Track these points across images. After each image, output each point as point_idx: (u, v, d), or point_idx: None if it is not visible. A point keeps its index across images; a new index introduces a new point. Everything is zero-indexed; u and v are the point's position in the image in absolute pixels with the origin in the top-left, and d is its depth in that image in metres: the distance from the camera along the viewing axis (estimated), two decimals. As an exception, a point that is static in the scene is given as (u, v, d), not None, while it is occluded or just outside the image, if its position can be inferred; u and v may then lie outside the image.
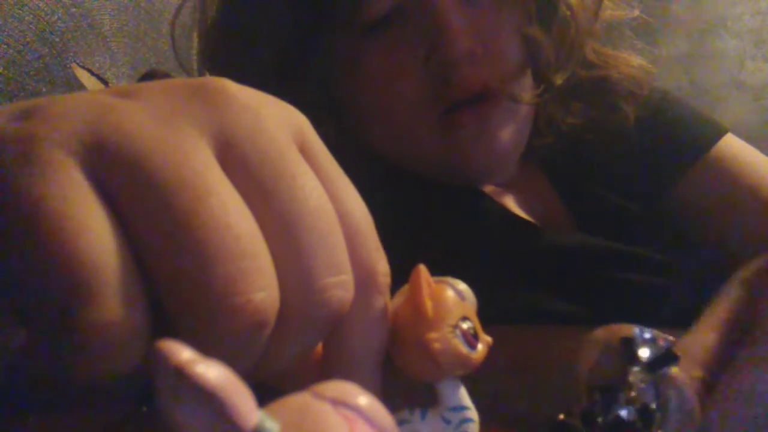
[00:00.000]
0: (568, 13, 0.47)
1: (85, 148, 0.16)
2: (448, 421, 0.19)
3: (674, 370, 0.21)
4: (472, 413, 0.20)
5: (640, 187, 0.54)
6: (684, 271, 0.49)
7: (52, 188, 0.15)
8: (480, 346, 0.19)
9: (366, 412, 0.13)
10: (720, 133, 0.55)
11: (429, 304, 0.19)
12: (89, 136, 0.16)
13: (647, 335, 0.21)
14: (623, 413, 0.19)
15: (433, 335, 0.18)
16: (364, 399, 0.13)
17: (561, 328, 0.40)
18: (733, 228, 0.52)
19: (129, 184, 0.15)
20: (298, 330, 0.17)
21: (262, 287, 0.15)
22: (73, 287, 0.14)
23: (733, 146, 0.54)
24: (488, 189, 0.53)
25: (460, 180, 0.50)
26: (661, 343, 0.21)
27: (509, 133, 0.48)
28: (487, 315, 0.23)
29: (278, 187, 0.17)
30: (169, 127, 0.16)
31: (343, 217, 0.18)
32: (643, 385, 0.20)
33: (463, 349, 0.19)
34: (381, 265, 0.19)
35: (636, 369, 0.20)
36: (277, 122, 0.18)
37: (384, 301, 0.19)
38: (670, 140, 0.56)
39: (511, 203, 0.53)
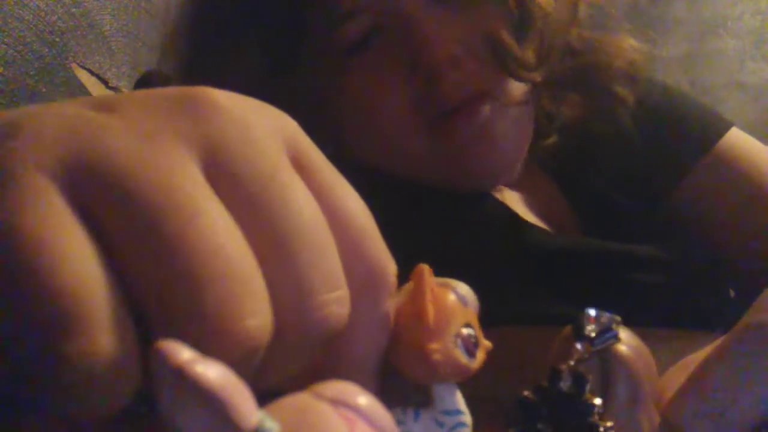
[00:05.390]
0: (541, 12, 0.46)
1: (65, 170, 0.15)
2: (441, 424, 0.19)
3: (619, 347, 0.22)
4: (467, 418, 0.19)
5: (646, 186, 0.54)
6: (688, 269, 0.49)
7: (31, 214, 0.14)
8: (479, 354, 0.19)
9: (366, 412, 0.13)
10: (725, 127, 0.54)
11: (431, 312, 0.18)
12: (69, 156, 0.15)
13: (592, 313, 0.22)
14: (561, 384, 0.21)
15: (434, 346, 0.18)
16: (364, 399, 0.13)
17: (562, 329, 0.40)
18: (740, 222, 0.52)
19: (113, 208, 0.15)
20: (294, 348, 0.17)
21: (254, 312, 0.15)
22: (56, 318, 0.13)
23: (737, 140, 0.54)
24: (492, 190, 0.53)
25: (464, 188, 0.50)
26: (605, 320, 0.22)
27: (508, 132, 0.47)
28: (489, 317, 0.23)
29: (270, 201, 0.16)
30: (153, 144, 0.16)
31: (348, 221, 0.18)
32: (585, 357, 0.22)
33: (463, 359, 0.19)
34: (391, 265, 0.19)
35: (578, 345, 0.22)
36: (268, 132, 0.17)
37: (391, 303, 0.19)
38: (675, 137, 0.55)
39: (515, 204, 0.52)
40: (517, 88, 0.47)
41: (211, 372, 0.11)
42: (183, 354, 0.11)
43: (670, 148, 0.55)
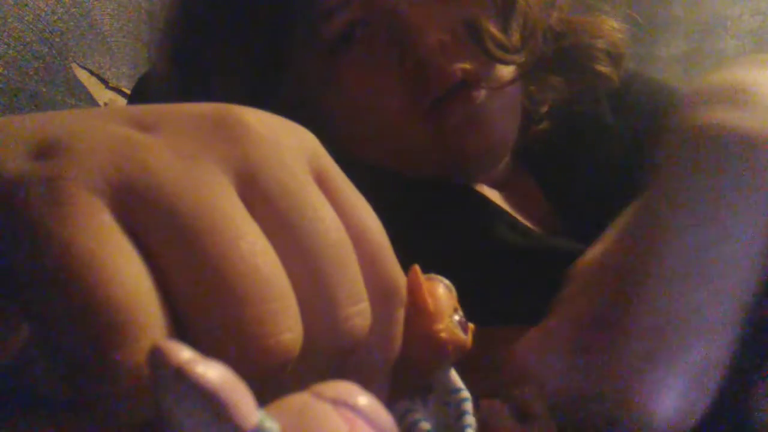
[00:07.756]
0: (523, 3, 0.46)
1: (112, 189, 0.16)
2: (448, 404, 0.21)
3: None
4: (466, 392, 0.21)
5: (632, 187, 0.54)
6: None
7: (83, 230, 0.15)
8: (469, 333, 0.21)
9: (366, 412, 0.13)
10: None
11: (430, 300, 0.20)
12: (116, 176, 0.16)
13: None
14: None
15: (439, 327, 0.20)
16: (364, 399, 0.13)
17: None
18: None
19: (159, 228, 0.16)
20: (320, 359, 0.18)
21: (289, 327, 0.16)
22: (108, 329, 0.14)
23: None
24: (482, 190, 0.53)
25: (456, 172, 0.50)
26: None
27: (499, 113, 0.47)
28: (485, 316, 0.23)
29: (300, 220, 0.17)
30: (194, 165, 0.17)
31: (365, 237, 0.19)
32: None
33: (462, 335, 0.20)
34: (403, 278, 0.20)
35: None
36: (295, 152, 0.18)
37: (403, 312, 0.20)
38: (656, 132, 0.55)
39: (504, 204, 0.52)
40: (505, 71, 0.47)
41: (211, 372, 0.11)
42: (183, 354, 0.11)
43: (651, 144, 0.54)
